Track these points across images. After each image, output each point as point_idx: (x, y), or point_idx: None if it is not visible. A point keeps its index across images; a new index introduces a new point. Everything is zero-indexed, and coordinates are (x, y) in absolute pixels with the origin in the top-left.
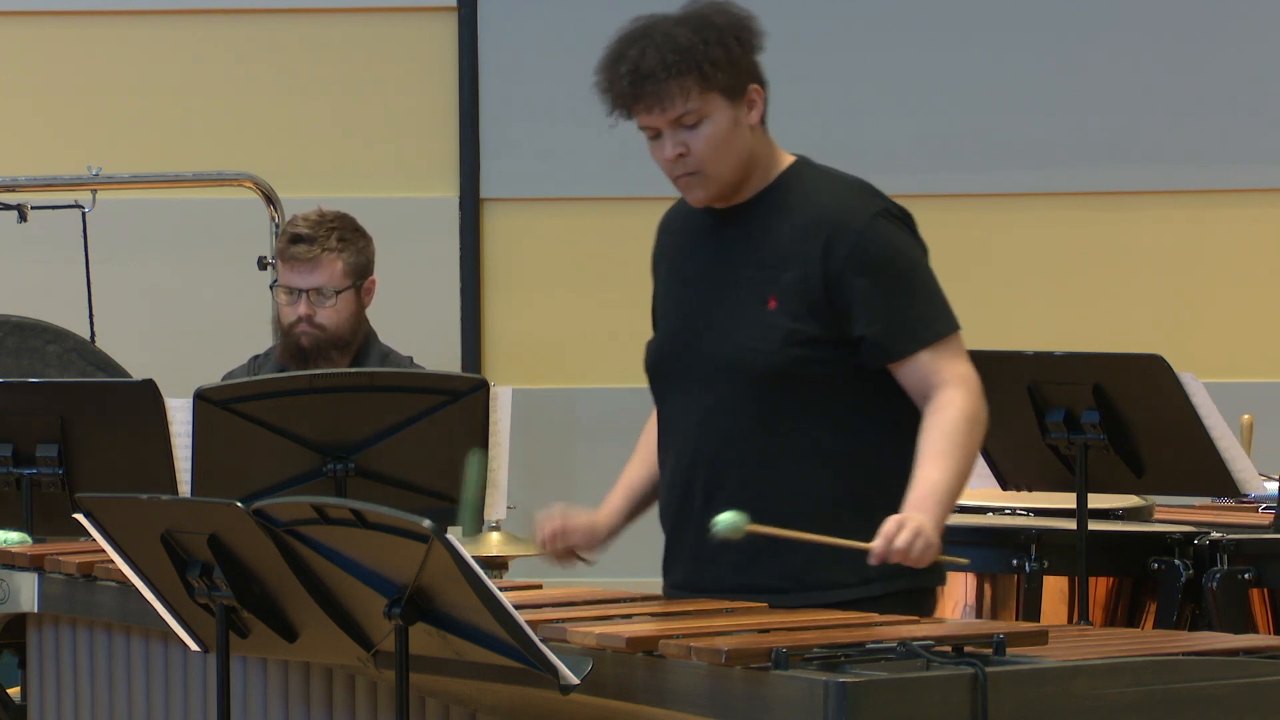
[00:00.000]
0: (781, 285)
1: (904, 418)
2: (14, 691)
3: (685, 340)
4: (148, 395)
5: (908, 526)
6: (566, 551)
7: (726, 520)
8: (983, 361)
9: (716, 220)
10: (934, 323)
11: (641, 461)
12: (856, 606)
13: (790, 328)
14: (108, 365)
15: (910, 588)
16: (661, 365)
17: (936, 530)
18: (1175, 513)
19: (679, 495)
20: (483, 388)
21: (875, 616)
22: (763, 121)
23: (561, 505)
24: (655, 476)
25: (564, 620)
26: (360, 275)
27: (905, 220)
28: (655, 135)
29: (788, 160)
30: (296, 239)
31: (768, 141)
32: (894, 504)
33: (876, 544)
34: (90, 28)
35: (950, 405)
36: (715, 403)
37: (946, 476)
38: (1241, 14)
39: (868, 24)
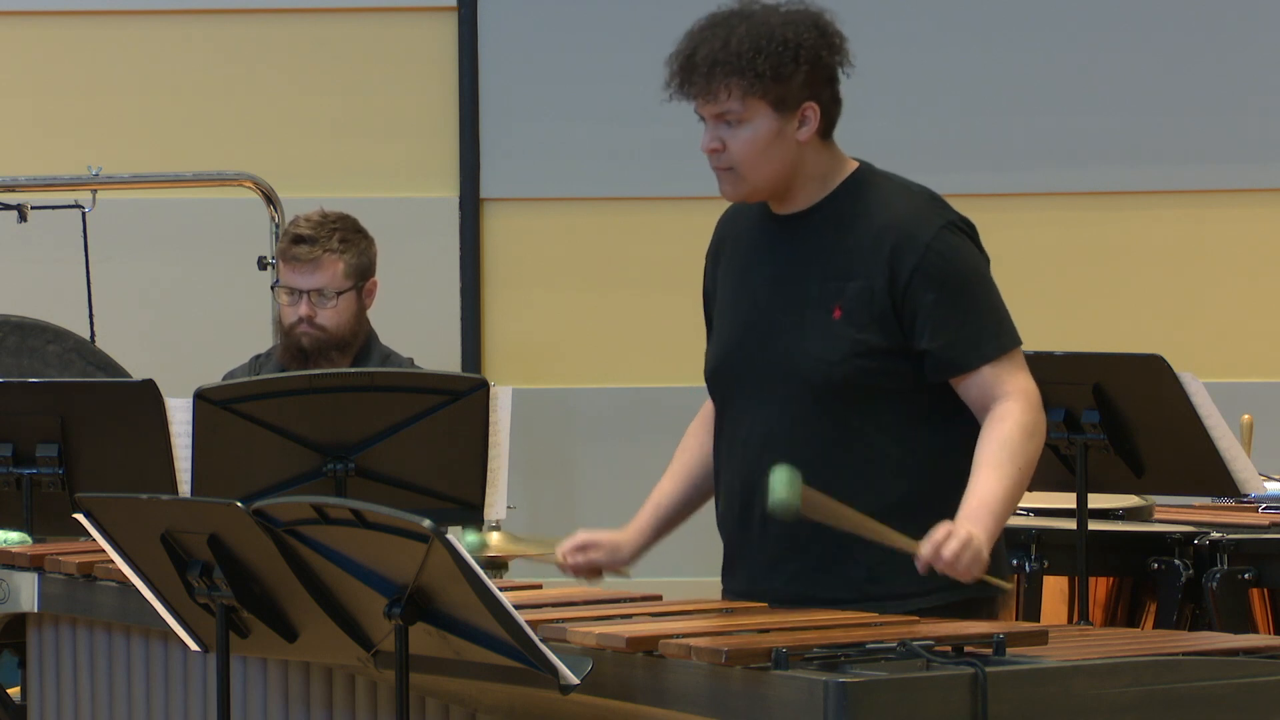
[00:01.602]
0: (847, 295)
1: (965, 430)
2: (14, 691)
3: (749, 349)
4: (148, 395)
5: (956, 536)
6: (589, 567)
7: (781, 499)
8: None
9: (779, 227)
10: (997, 338)
11: (674, 479)
12: (929, 615)
13: (855, 338)
14: (108, 365)
15: (972, 598)
16: (724, 372)
17: (988, 542)
18: (1175, 513)
19: (740, 503)
20: (483, 388)
21: (875, 616)
22: (825, 135)
23: (585, 530)
24: (686, 495)
25: (564, 620)
26: (362, 276)
27: (970, 232)
28: (704, 120)
29: (851, 167)
30: (298, 239)
31: (829, 154)
32: (953, 516)
33: (924, 550)
34: (90, 28)
35: (1008, 416)
36: (778, 411)
37: (1001, 488)
38: (1241, 14)
39: (868, 24)
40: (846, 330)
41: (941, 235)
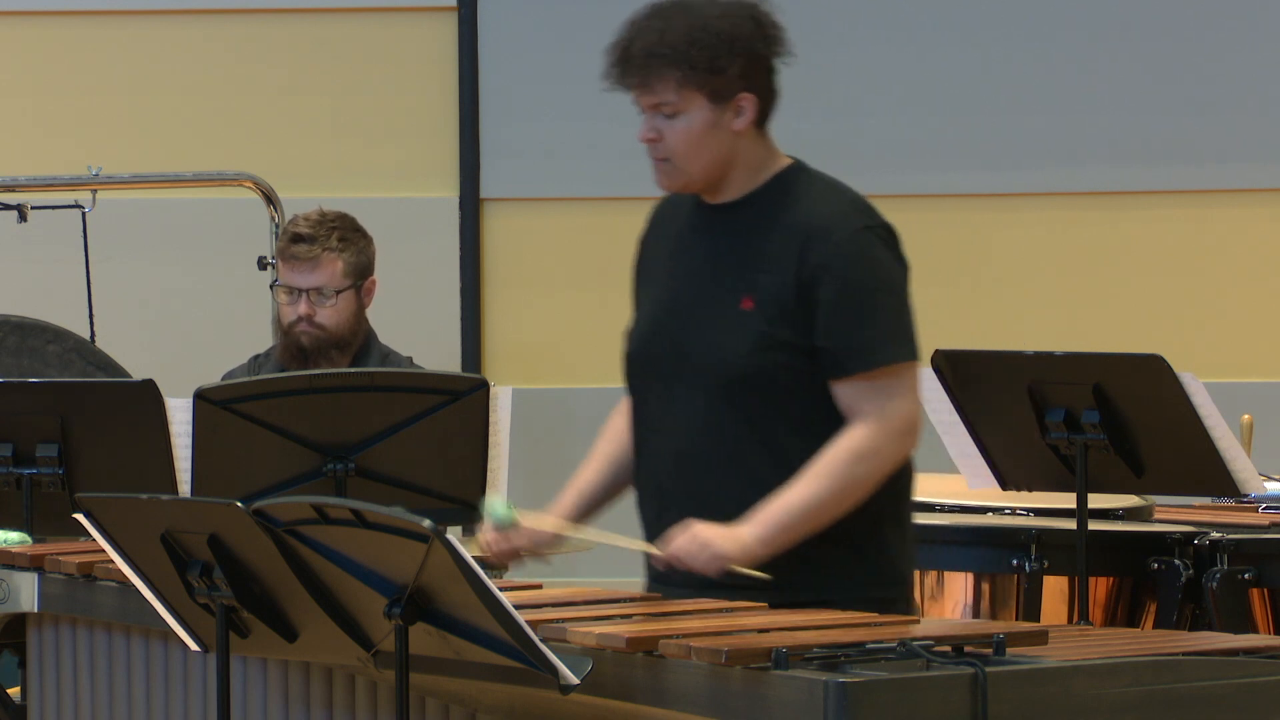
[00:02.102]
0: (759, 288)
1: None
2: (14, 691)
3: (665, 337)
4: (148, 395)
5: (696, 537)
6: (511, 552)
7: (496, 511)
8: (983, 361)
9: (706, 217)
10: (885, 349)
11: (596, 464)
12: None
13: (763, 331)
14: (108, 365)
15: (880, 598)
16: (640, 360)
17: (757, 543)
18: (1175, 513)
19: (655, 490)
20: (483, 388)
21: (875, 616)
22: (760, 126)
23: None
24: (608, 481)
25: (564, 620)
26: (360, 275)
27: (890, 239)
28: (642, 111)
29: (783, 163)
30: (297, 239)
31: (762, 146)
32: (857, 516)
33: (663, 547)
34: (90, 28)
35: (846, 437)
36: (689, 400)
37: (798, 500)
38: (1241, 14)
39: (868, 24)
40: (755, 323)
41: (855, 236)
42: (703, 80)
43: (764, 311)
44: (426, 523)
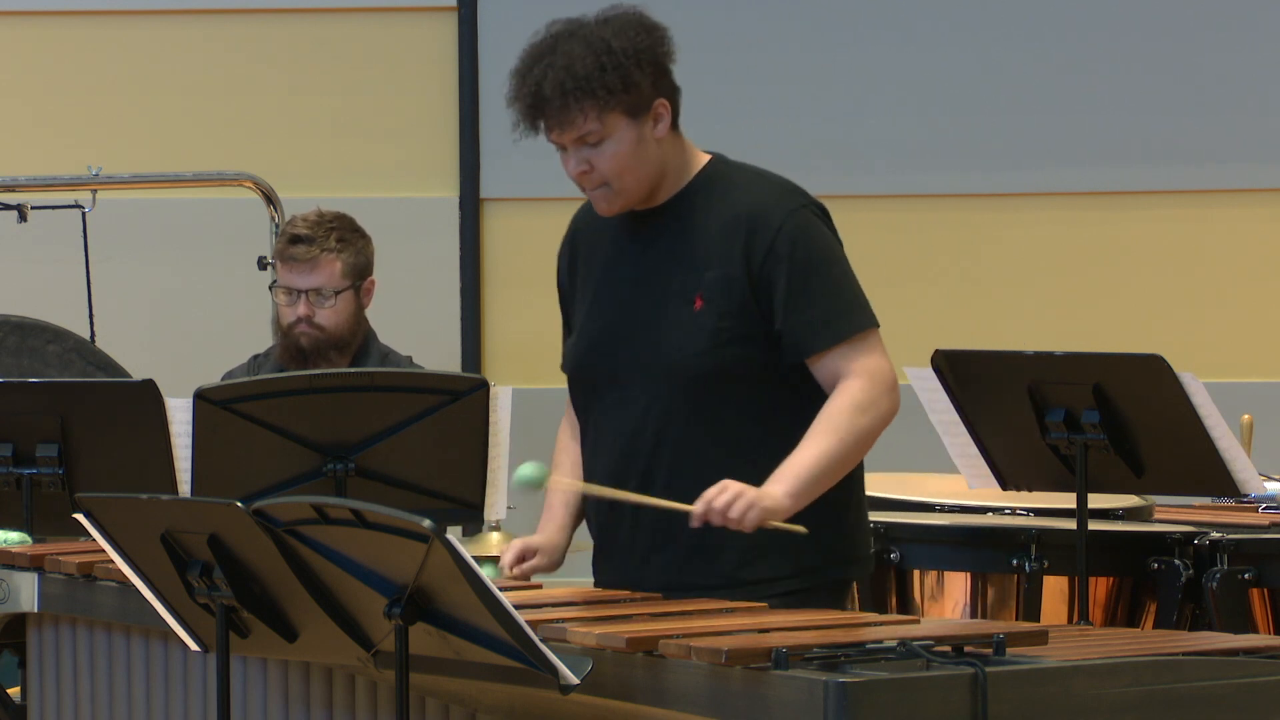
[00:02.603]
0: (706, 285)
1: None
2: (14, 691)
3: (613, 345)
4: (148, 395)
5: (729, 489)
6: (532, 572)
7: (526, 474)
8: (983, 361)
9: (635, 223)
10: (850, 318)
11: (571, 473)
12: (787, 599)
13: (717, 327)
14: (108, 365)
15: (837, 578)
16: (588, 370)
17: (787, 498)
18: (1175, 513)
19: (609, 499)
20: (483, 388)
21: (875, 616)
22: (675, 126)
23: (519, 539)
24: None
25: (564, 620)
26: (359, 275)
27: (823, 216)
28: (562, 149)
29: (704, 160)
30: (295, 239)
31: (681, 146)
32: (813, 501)
33: (697, 507)
34: (90, 28)
35: (842, 392)
36: (646, 404)
37: (814, 454)
38: (1241, 14)
39: (868, 24)
40: (708, 320)
41: (793, 217)
42: (620, 101)
43: (715, 307)
44: (426, 523)
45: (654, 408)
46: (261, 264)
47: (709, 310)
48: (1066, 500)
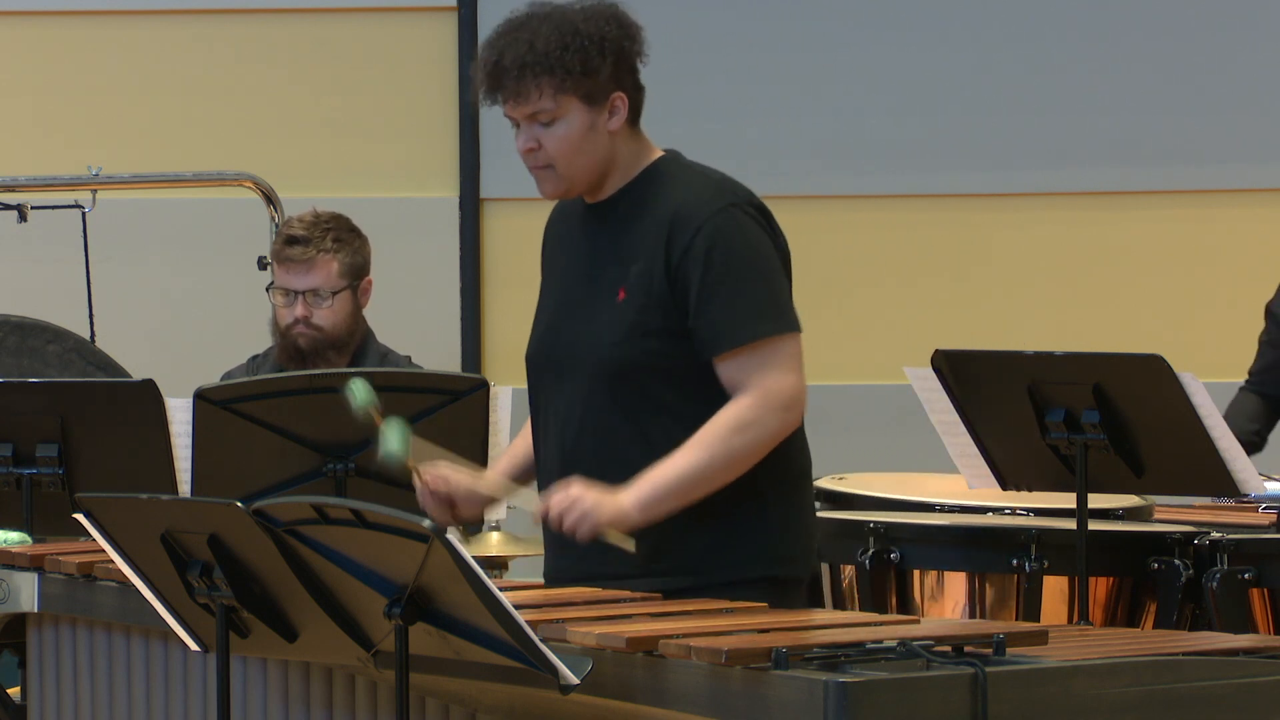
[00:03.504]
0: (630, 278)
1: None
2: (14, 691)
3: (553, 335)
4: (148, 395)
5: (570, 494)
6: (446, 501)
7: (390, 450)
8: (983, 361)
9: (586, 216)
10: (754, 324)
11: (521, 440)
12: (700, 594)
13: (635, 319)
14: (108, 365)
15: (760, 576)
16: (534, 360)
17: (635, 509)
18: (1175, 513)
19: (547, 486)
20: (483, 388)
21: (875, 616)
22: (633, 123)
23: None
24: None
25: (564, 620)
26: (356, 275)
27: (760, 216)
28: (516, 124)
29: (655, 155)
30: (291, 240)
31: (636, 143)
32: (736, 493)
33: (541, 503)
34: (90, 28)
35: (728, 408)
36: (576, 394)
37: (677, 470)
38: (1241, 14)
39: (868, 24)
40: (628, 312)
41: (720, 215)
42: (577, 84)
43: (634, 300)
44: (426, 523)
45: (581, 398)
46: (261, 264)
47: (629, 303)
48: (1066, 500)
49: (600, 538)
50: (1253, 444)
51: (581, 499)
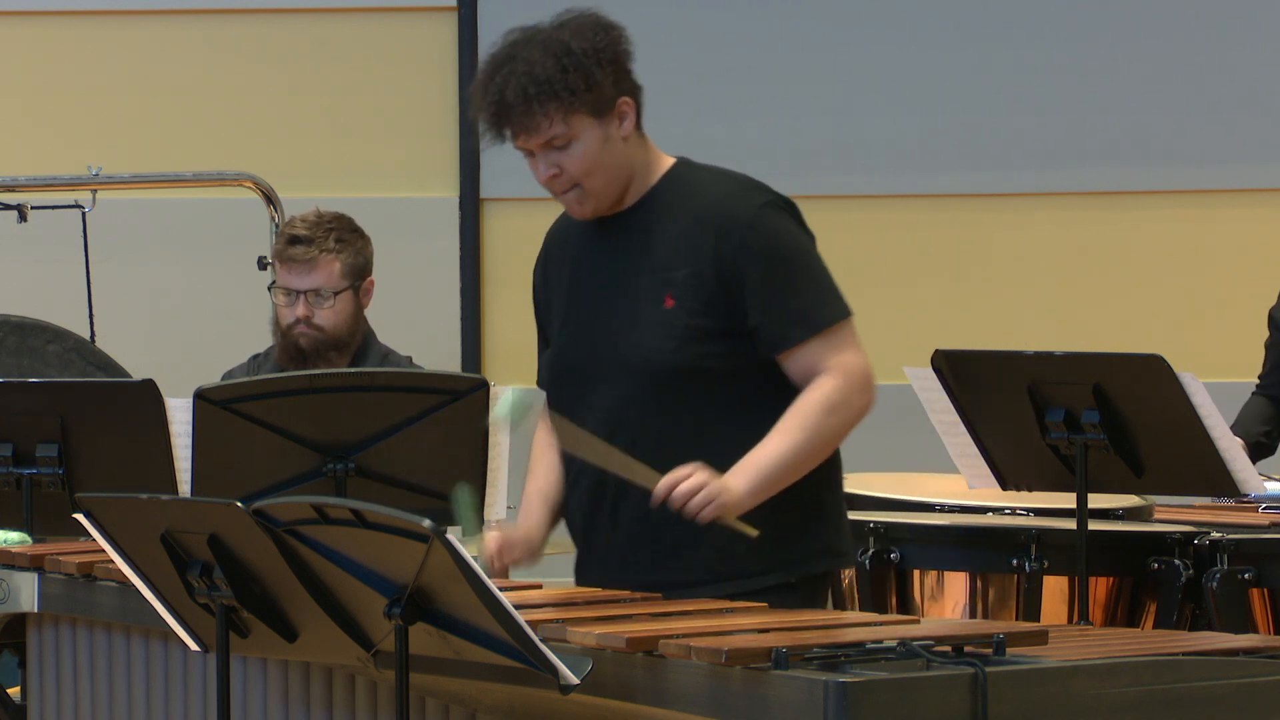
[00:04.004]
0: (676, 283)
1: None
2: (14, 691)
3: (586, 349)
4: (148, 395)
5: (697, 476)
6: (512, 565)
7: (507, 407)
8: (983, 361)
9: (603, 229)
10: (821, 310)
11: (548, 473)
12: (768, 594)
13: (689, 324)
14: (108, 365)
15: (820, 571)
16: (563, 374)
17: (747, 494)
18: (1175, 513)
19: (589, 497)
20: (483, 388)
21: (875, 616)
22: (638, 127)
23: (498, 531)
24: (561, 488)
25: (564, 620)
26: (358, 276)
27: (791, 210)
28: (530, 154)
29: (668, 162)
30: (294, 240)
31: (645, 147)
32: (795, 493)
33: (662, 483)
34: (90, 28)
35: (816, 389)
36: (620, 403)
37: (778, 451)
38: (1242, 14)
39: (868, 24)
40: (679, 317)
41: (762, 213)
42: (584, 101)
43: (686, 306)
44: (426, 523)
45: (628, 406)
46: (261, 264)
47: (680, 309)
48: (1066, 500)
49: (720, 521)
50: (1263, 446)
51: (708, 483)
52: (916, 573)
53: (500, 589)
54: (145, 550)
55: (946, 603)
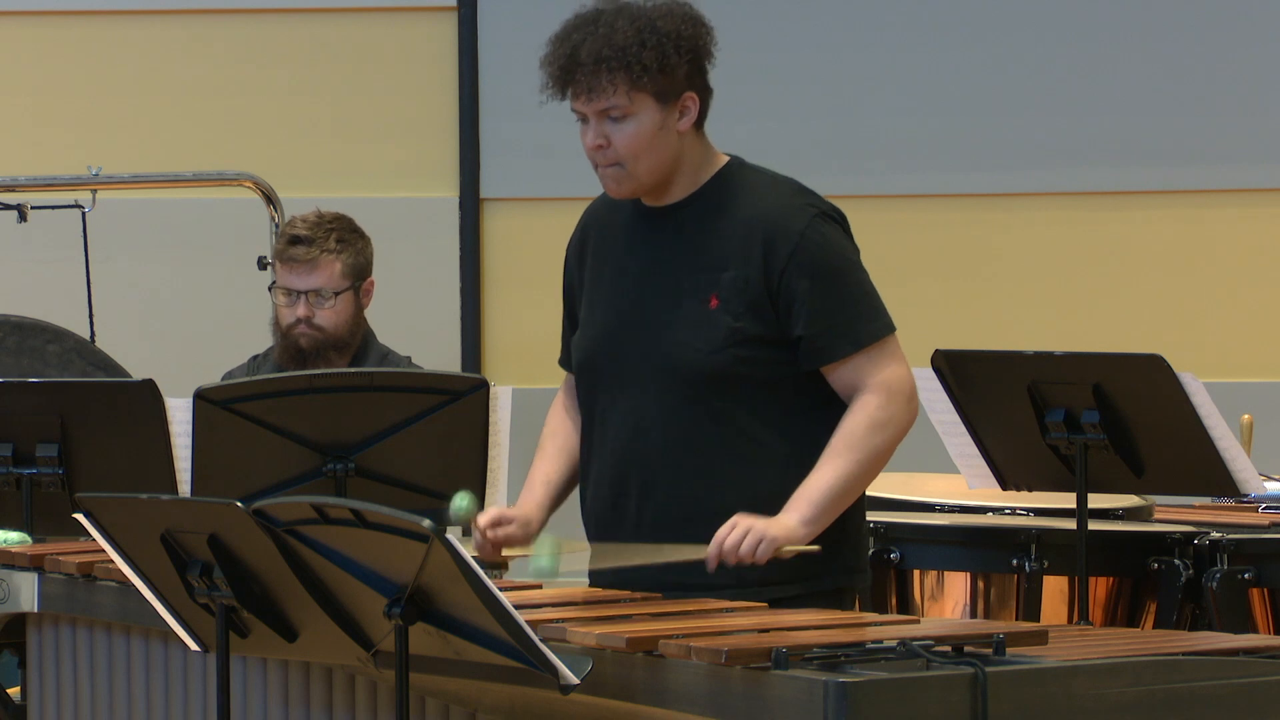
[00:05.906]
0: (723, 285)
1: (839, 419)
2: (14, 691)
3: (622, 340)
4: (148, 395)
5: (739, 527)
6: (505, 541)
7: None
8: (983, 361)
9: (650, 219)
10: (869, 324)
11: (555, 458)
12: (786, 605)
13: (733, 326)
14: (108, 365)
15: (834, 587)
16: (595, 364)
17: (800, 525)
18: (1175, 513)
19: (610, 494)
20: (483, 388)
21: (875, 616)
22: (699, 126)
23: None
24: (569, 474)
25: (564, 620)
26: (359, 276)
27: (841, 222)
28: (584, 119)
29: (722, 160)
30: (295, 240)
31: (702, 145)
32: None
33: (710, 548)
34: (90, 28)
35: (860, 409)
36: (651, 401)
37: (830, 478)
38: (1241, 14)
39: (868, 24)
40: (723, 319)
41: (814, 224)
42: (653, 81)
43: (730, 308)
44: (426, 523)
45: (661, 405)
46: (261, 264)
47: (724, 310)
48: (1066, 500)
49: (780, 555)
50: None
51: (752, 526)
52: (916, 572)
53: (500, 589)
54: (145, 550)
55: (946, 603)
